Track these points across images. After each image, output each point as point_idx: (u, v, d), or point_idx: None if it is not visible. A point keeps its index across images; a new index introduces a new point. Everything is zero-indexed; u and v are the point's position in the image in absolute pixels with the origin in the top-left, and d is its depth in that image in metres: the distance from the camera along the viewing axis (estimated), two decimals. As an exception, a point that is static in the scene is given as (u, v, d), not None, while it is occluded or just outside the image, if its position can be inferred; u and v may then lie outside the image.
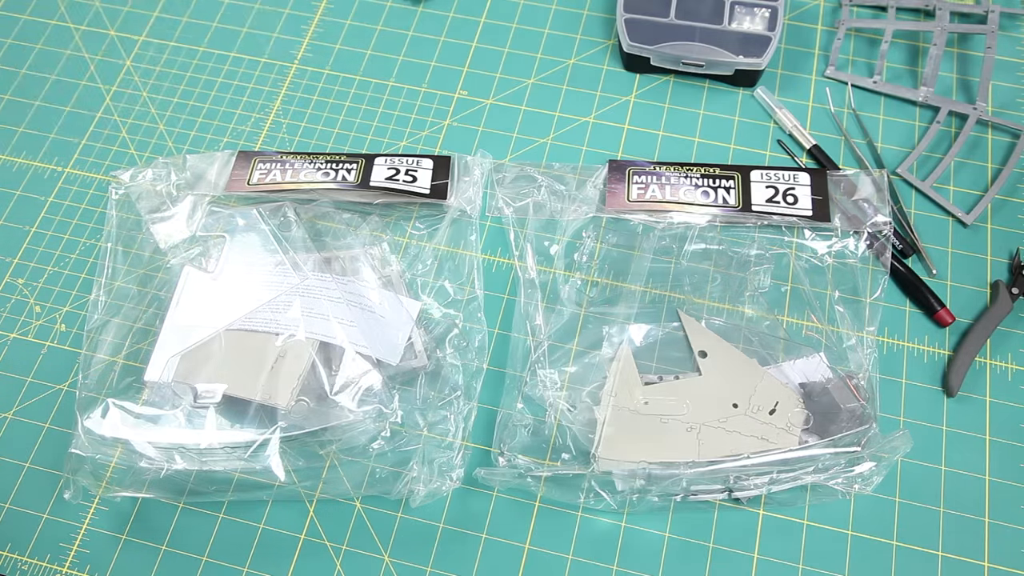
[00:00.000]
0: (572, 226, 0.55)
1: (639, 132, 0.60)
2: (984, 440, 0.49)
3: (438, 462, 0.48)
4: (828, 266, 0.53)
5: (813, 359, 0.50)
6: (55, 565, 0.48)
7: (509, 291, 0.54)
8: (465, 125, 0.61)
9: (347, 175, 0.57)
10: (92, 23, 0.67)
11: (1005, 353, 0.52)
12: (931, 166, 0.58)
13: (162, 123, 0.62)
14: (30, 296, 0.56)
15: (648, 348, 0.51)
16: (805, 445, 0.46)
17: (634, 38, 0.60)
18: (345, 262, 0.53)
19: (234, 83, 0.64)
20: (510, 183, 0.57)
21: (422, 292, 0.54)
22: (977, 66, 0.61)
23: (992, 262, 0.54)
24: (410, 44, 0.65)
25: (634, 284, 0.53)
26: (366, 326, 0.50)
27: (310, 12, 0.67)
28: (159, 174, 0.58)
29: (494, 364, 0.52)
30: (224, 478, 0.48)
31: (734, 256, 0.54)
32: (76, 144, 0.62)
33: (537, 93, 0.62)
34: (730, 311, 0.53)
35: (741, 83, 0.61)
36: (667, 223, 0.55)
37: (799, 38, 0.63)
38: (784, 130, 0.59)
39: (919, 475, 0.48)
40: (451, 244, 0.56)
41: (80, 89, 0.64)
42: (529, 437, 0.49)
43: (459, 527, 0.48)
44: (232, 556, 0.48)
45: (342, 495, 0.49)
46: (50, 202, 0.59)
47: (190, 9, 0.67)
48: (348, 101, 0.62)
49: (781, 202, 0.54)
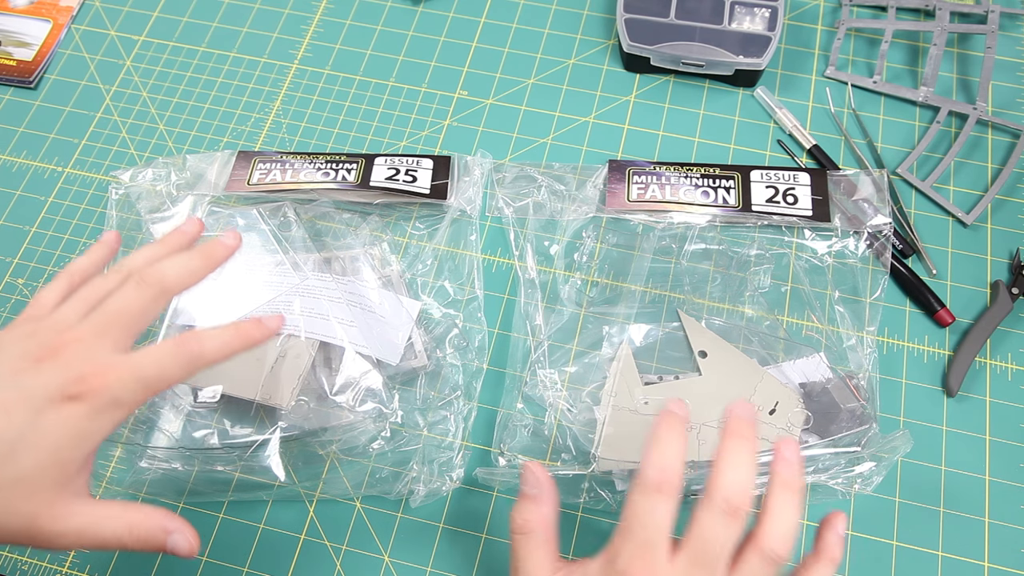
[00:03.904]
0: (572, 226, 0.55)
1: (639, 132, 0.60)
2: (984, 440, 0.49)
3: (438, 462, 0.48)
4: (828, 266, 0.54)
5: (813, 359, 0.50)
6: (55, 565, 0.48)
7: (509, 291, 0.55)
8: (465, 125, 0.61)
9: (347, 175, 0.57)
10: (92, 23, 0.67)
11: (1005, 353, 0.52)
12: (931, 166, 0.58)
13: (162, 123, 0.62)
14: (30, 296, 0.56)
15: (648, 348, 0.51)
16: (805, 445, 0.46)
17: (634, 38, 0.60)
18: (345, 262, 0.53)
19: (234, 83, 0.64)
20: (510, 183, 0.57)
21: (422, 292, 0.54)
22: (977, 66, 0.61)
23: (992, 262, 0.54)
24: (410, 44, 0.65)
25: (634, 284, 0.54)
26: (366, 326, 0.50)
27: (310, 12, 0.67)
28: (159, 174, 0.58)
29: (494, 364, 0.52)
30: (224, 478, 0.48)
31: (734, 256, 0.54)
32: (76, 144, 0.62)
33: (537, 93, 0.62)
34: (730, 311, 0.53)
35: (741, 83, 0.61)
36: (667, 223, 0.55)
37: (799, 38, 0.63)
38: (784, 130, 0.59)
39: (919, 475, 0.48)
40: (451, 244, 0.56)
41: (80, 89, 0.64)
42: (529, 437, 0.49)
43: (459, 527, 0.48)
44: (232, 556, 0.48)
45: (342, 495, 0.49)
46: (50, 202, 0.59)
47: (190, 9, 0.68)
48: (348, 101, 0.62)
49: (781, 202, 0.54)
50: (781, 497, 0.35)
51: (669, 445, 0.36)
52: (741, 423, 0.36)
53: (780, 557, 0.34)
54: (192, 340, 0.37)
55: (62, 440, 0.34)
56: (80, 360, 0.35)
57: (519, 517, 0.40)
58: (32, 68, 0.65)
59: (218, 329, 0.38)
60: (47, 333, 0.36)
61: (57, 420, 0.34)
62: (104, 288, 0.38)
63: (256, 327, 0.39)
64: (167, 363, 0.36)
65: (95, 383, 0.34)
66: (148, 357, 0.36)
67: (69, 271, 0.40)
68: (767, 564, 0.34)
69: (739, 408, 0.37)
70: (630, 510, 0.35)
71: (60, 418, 0.34)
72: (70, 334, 0.36)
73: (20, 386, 0.34)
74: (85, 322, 0.37)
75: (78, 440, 0.34)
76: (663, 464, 0.35)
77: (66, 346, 0.35)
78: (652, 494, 0.35)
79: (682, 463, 0.35)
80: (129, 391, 0.35)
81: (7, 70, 0.65)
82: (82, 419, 0.34)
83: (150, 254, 0.40)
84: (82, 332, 0.36)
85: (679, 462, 0.35)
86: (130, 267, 0.39)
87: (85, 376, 0.34)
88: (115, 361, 0.35)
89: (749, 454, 0.35)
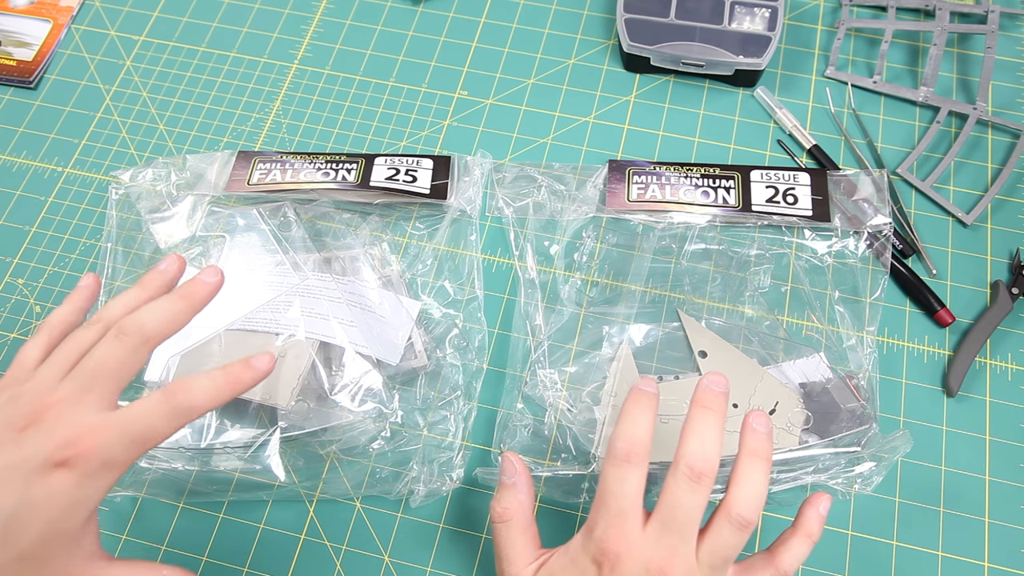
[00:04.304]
0: (572, 226, 0.55)
1: (639, 132, 0.60)
2: (984, 440, 0.49)
3: (438, 462, 0.48)
4: (828, 266, 0.54)
5: (813, 359, 0.50)
6: None
7: (509, 291, 0.55)
8: (465, 125, 0.61)
9: (347, 175, 0.57)
10: (92, 23, 0.67)
11: (1005, 353, 0.52)
12: (931, 166, 0.58)
13: (162, 123, 0.62)
14: (30, 296, 0.56)
15: (648, 348, 0.51)
16: (805, 445, 0.46)
17: (634, 38, 0.60)
18: (345, 262, 0.53)
19: (234, 83, 0.64)
20: (510, 183, 0.57)
21: (422, 292, 0.54)
22: (977, 66, 0.61)
23: (992, 262, 0.54)
24: (410, 44, 0.65)
25: (634, 284, 0.54)
26: (366, 326, 0.50)
27: (310, 12, 0.67)
28: (159, 174, 0.58)
29: (494, 364, 0.52)
30: (224, 478, 0.48)
31: (734, 256, 0.54)
32: (76, 144, 0.62)
33: (537, 93, 0.62)
34: (730, 311, 0.53)
35: (741, 83, 0.61)
36: (667, 223, 0.55)
37: (799, 38, 0.63)
38: (784, 130, 0.59)
39: (919, 475, 0.48)
40: (451, 244, 0.56)
41: (80, 89, 0.64)
42: (529, 437, 0.49)
43: (459, 527, 0.48)
44: (232, 556, 0.48)
45: (342, 495, 0.49)
46: (50, 202, 0.59)
47: (190, 9, 0.68)
48: (348, 101, 0.62)
49: (781, 202, 0.54)
50: (748, 464, 0.37)
51: (637, 419, 0.38)
52: (707, 394, 0.38)
53: (748, 522, 0.36)
54: (181, 391, 0.35)
55: (56, 511, 0.33)
56: (64, 424, 0.34)
57: (498, 506, 0.41)
58: (32, 68, 0.65)
59: (207, 378, 0.36)
60: (28, 398, 0.35)
61: (48, 491, 0.32)
62: (83, 342, 0.37)
63: (245, 370, 0.37)
64: (155, 418, 0.34)
65: (82, 447, 0.33)
66: (135, 413, 0.34)
67: (49, 323, 0.39)
68: (736, 529, 0.36)
69: (708, 379, 0.38)
70: (603, 482, 0.37)
71: (51, 488, 0.32)
72: (51, 397, 0.34)
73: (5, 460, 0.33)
74: (66, 382, 0.35)
75: (72, 509, 0.33)
76: (630, 436, 0.37)
77: (48, 410, 0.34)
78: (622, 464, 0.37)
79: (650, 435, 0.38)
80: (119, 451, 0.34)
81: (7, 70, 0.65)
82: (73, 487, 0.33)
83: (128, 301, 0.38)
84: (64, 393, 0.35)
85: (647, 434, 0.37)
86: (107, 318, 0.37)
87: (71, 441, 0.33)
88: (101, 421, 0.34)
89: (714, 423, 0.37)
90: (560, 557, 0.39)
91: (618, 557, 0.36)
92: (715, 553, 0.36)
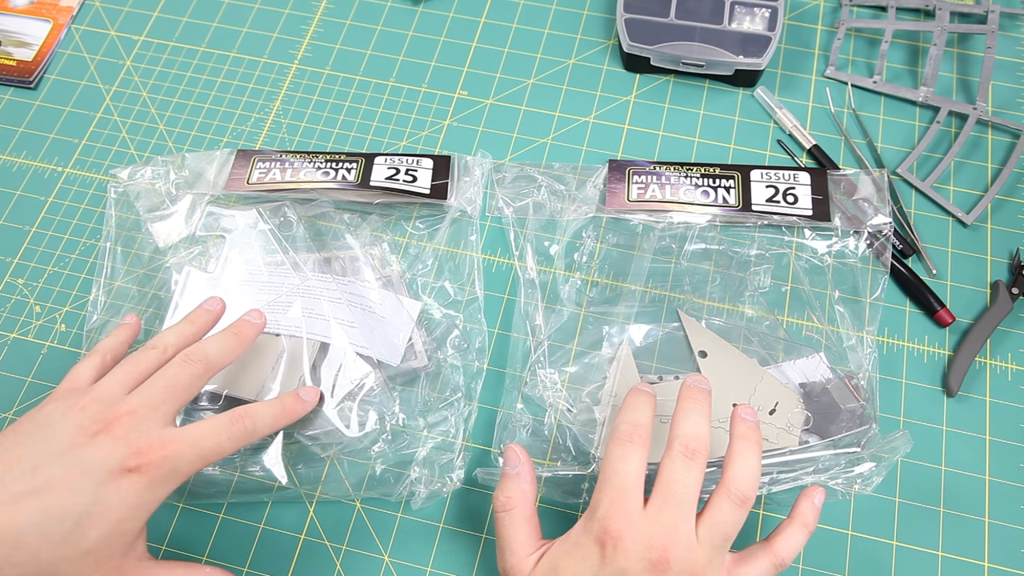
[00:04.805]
0: (572, 226, 0.55)
1: (639, 132, 0.60)
2: (984, 440, 0.49)
3: (438, 463, 0.48)
4: (828, 266, 0.54)
5: (813, 359, 0.50)
6: None
7: (509, 291, 0.55)
8: (465, 125, 0.61)
9: (347, 175, 0.57)
10: (92, 23, 0.67)
11: (1005, 353, 0.52)
12: (931, 166, 0.58)
13: (162, 123, 0.62)
14: (30, 296, 0.56)
15: (648, 348, 0.51)
16: (805, 445, 0.47)
17: (634, 38, 0.60)
18: (345, 262, 0.53)
19: (234, 83, 0.64)
20: (510, 183, 0.57)
21: (422, 292, 0.54)
22: (977, 66, 0.61)
23: (992, 262, 0.54)
24: (410, 44, 0.65)
25: (634, 284, 0.54)
26: (367, 327, 0.50)
27: (310, 12, 0.67)
28: (158, 172, 0.58)
29: (494, 364, 0.52)
30: (225, 479, 0.48)
31: (734, 256, 0.54)
32: (76, 144, 0.62)
33: (537, 93, 0.62)
34: (730, 311, 0.53)
35: (741, 83, 0.61)
36: (667, 223, 0.55)
37: (799, 38, 0.63)
38: (784, 130, 0.59)
39: (919, 475, 0.48)
40: (451, 244, 0.56)
41: (80, 89, 0.64)
42: (529, 437, 0.49)
43: (459, 527, 0.48)
44: (232, 556, 0.48)
45: (343, 496, 0.49)
46: (50, 202, 0.59)
47: (190, 9, 0.67)
48: (348, 101, 0.62)
49: (781, 202, 0.54)
50: (741, 446, 0.40)
51: (639, 407, 0.41)
52: (691, 389, 0.41)
53: (746, 497, 0.38)
54: (246, 417, 0.40)
55: (123, 511, 0.36)
56: (137, 433, 0.37)
57: (501, 495, 0.42)
58: (32, 68, 0.65)
59: (267, 407, 0.41)
60: (97, 406, 0.38)
61: (119, 492, 0.36)
62: (143, 363, 0.40)
63: (297, 403, 0.43)
64: (223, 438, 0.39)
65: (154, 456, 0.37)
66: (205, 431, 0.38)
67: (100, 349, 0.42)
68: (735, 505, 0.38)
69: (691, 379, 0.42)
70: (606, 462, 0.40)
71: (121, 490, 0.36)
72: (122, 407, 0.38)
73: (81, 461, 0.36)
74: (135, 395, 0.39)
75: (137, 510, 0.36)
76: (633, 420, 0.40)
77: (119, 419, 0.37)
78: (625, 444, 0.39)
79: (651, 422, 0.41)
80: (187, 463, 0.38)
81: (7, 70, 0.65)
82: (142, 491, 0.36)
83: (180, 331, 0.43)
84: (134, 405, 0.38)
85: (648, 421, 0.41)
86: (163, 344, 0.42)
87: (143, 449, 0.37)
88: (173, 435, 0.38)
89: (702, 409, 0.40)
90: (562, 543, 0.40)
91: (620, 535, 0.37)
92: (715, 530, 0.38)
